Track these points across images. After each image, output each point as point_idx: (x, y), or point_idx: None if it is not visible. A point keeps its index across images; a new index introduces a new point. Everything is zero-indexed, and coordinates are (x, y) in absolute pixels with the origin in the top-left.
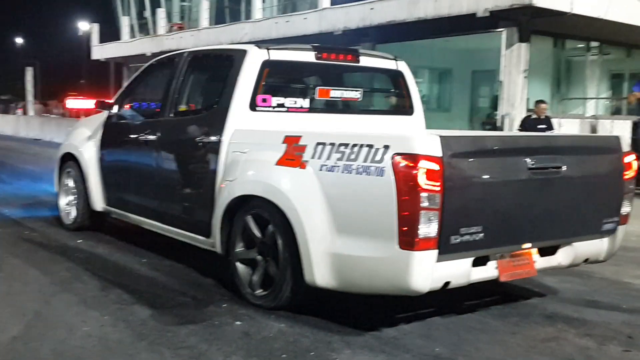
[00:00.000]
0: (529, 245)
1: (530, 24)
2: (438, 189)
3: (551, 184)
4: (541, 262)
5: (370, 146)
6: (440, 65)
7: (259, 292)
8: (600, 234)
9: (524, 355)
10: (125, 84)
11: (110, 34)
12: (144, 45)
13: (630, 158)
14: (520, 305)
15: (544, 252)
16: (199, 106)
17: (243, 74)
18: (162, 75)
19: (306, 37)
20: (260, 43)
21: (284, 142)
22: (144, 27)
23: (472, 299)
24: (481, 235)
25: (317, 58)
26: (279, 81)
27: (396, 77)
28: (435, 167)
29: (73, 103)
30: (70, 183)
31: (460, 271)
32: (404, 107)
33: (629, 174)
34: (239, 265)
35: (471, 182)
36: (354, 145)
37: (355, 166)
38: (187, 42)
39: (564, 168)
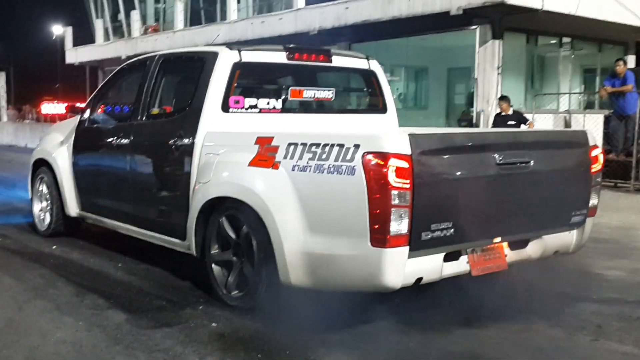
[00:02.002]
0: (499, 239)
1: (503, 21)
2: (408, 186)
3: (520, 178)
4: (512, 255)
5: (341, 145)
6: (416, 63)
7: (234, 293)
8: (569, 226)
9: (495, 347)
10: (97, 88)
11: (84, 37)
12: (119, 48)
13: (597, 152)
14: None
15: (515, 245)
16: (171, 109)
17: (215, 76)
18: (134, 79)
19: (282, 37)
20: (232, 44)
21: (256, 143)
22: (118, 30)
23: (448, 294)
24: (452, 230)
25: (289, 58)
26: (251, 82)
27: (369, 76)
28: (404, 164)
29: (48, 108)
30: (44, 189)
31: (432, 267)
32: (377, 106)
33: (596, 167)
34: (214, 266)
35: (441, 178)
36: (325, 145)
37: (326, 166)
38: (163, 44)
39: (532, 163)
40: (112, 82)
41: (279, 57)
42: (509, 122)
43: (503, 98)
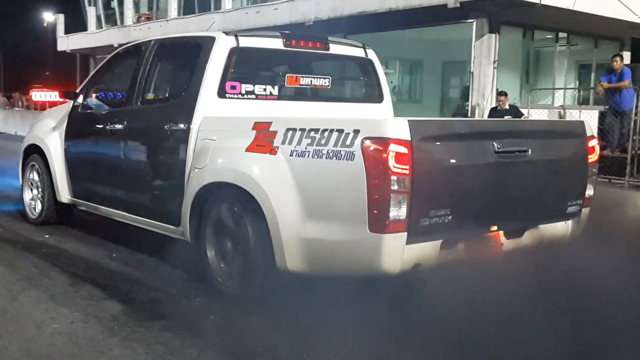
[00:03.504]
0: (495, 227)
1: (500, 15)
2: (407, 172)
3: (517, 167)
4: (508, 244)
5: (340, 131)
6: (411, 56)
7: (230, 280)
8: (565, 216)
9: None
10: (91, 73)
11: (76, 25)
12: (111, 36)
13: (594, 142)
14: None
15: (511, 234)
16: (166, 94)
17: (211, 61)
18: (129, 64)
19: (277, 27)
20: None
21: (253, 129)
22: (110, 18)
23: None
24: (450, 217)
25: (286, 45)
26: (247, 68)
27: (365, 65)
28: (404, 150)
29: (39, 95)
30: (35, 176)
31: (430, 253)
32: (373, 95)
33: (593, 157)
34: (209, 253)
35: (440, 165)
36: (324, 130)
37: (325, 151)
38: (156, 32)
39: (530, 152)
40: (106, 68)
41: (276, 43)
42: (505, 117)
43: (503, 93)
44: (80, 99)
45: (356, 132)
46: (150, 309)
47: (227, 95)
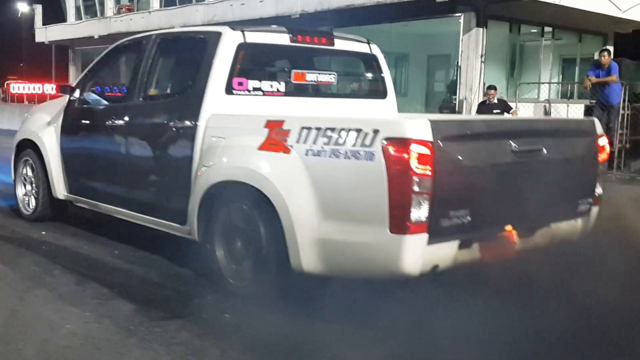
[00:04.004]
0: (510, 227)
1: (487, 9)
2: (429, 173)
3: (532, 166)
4: (521, 243)
5: (358, 130)
6: (397, 49)
7: (241, 281)
8: (575, 214)
9: None
10: (88, 67)
11: (53, 16)
12: (91, 28)
13: (604, 141)
14: None
15: (523, 233)
16: (170, 90)
17: (218, 57)
18: (128, 59)
19: (263, 20)
20: (234, 25)
21: (265, 127)
22: (90, 9)
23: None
24: (468, 218)
25: (292, 41)
26: (254, 64)
27: (370, 61)
28: (426, 151)
29: (17, 87)
30: (29, 171)
31: (448, 254)
32: (377, 91)
33: (602, 156)
34: (218, 253)
35: (460, 165)
36: (342, 129)
37: (343, 151)
38: (137, 24)
39: (544, 151)
40: (104, 62)
41: (283, 38)
42: (494, 111)
43: (492, 87)
44: (77, 94)
45: (376, 132)
46: (163, 307)
47: (234, 91)
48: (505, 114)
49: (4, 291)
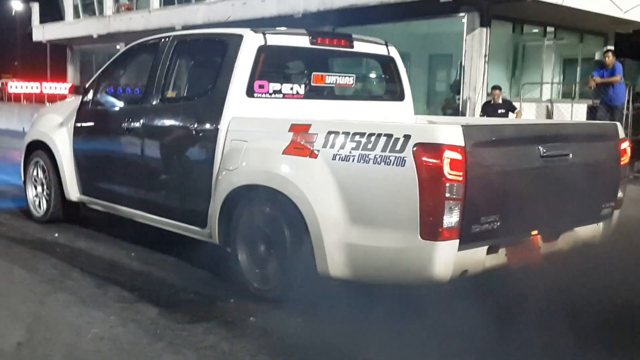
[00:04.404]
0: (536, 232)
1: (491, 9)
2: (461, 178)
3: (559, 171)
4: (545, 247)
5: (389, 135)
6: (398, 49)
7: (263, 285)
8: (598, 218)
9: None
10: (101, 68)
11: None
12: (90, 27)
13: (626, 145)
14: None
15: (547, 237)
16: (189, 93)
17: (240, 59)
18: (144, 61)
19: (265, 20)
20: (255, 27)
21: (290, 131)
22: (89, 7)
23: None
24: (497, 223)
25: (312, 43)
26: (275, 67)
27: (387, 63)
28: (458, 157)
29: (14, 87)
30: (40, 173)
31: (477, 259)
32: (395, 93)
33: (625, 159)
34: (240, 257)
35: (491, 170)
36: (371, 134)
37: (372, 156)
38: (137, 23)
39: (571, 155)
40: (118, 63)
41: (303, 41)
42: (499, 111)
43: (497, 87)
44: (90, 95)
45: (407, 137)
46: (187, 311)
47: (255, 94)
48: (510, 114)
49: (25, 295)
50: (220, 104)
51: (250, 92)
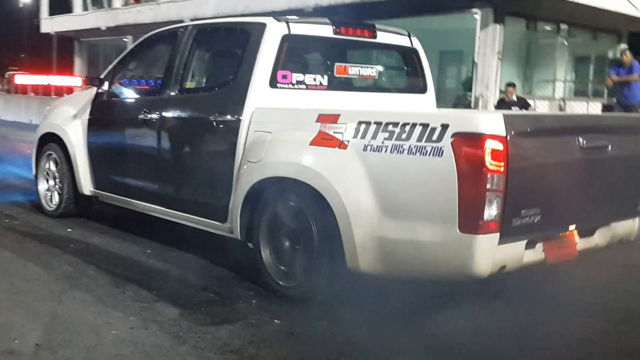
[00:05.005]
0: (573, 226)
1: (505, 6)
2: (502, 169)
3: (598, 164)
4: (581, 243)
5: (424, 125)
6: None
7: (289, 282)
8: (634, 214)
9: None
10: (117, 59)
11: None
12: (99, 19)
13: None
14: None
15: (584, 233)
16: (210, 83)
17: (263, 49)
18: (162, 51)
19: (275, 14)
20: (277, 15)
21: (317, 121)
22: (97, 0)
23: None
24: (538, 217)
25: (335, 33)
26: (298, 57)
27: (410, 55)
28: (500, 147)
29: (21, 79)
30: (52, 166)
31: (516, 254)
32: (417, 86)
33: None
34: (264, 253)
35: (532, 162)
36: (405, 124)
37: (407, 146)
38: (146, 16)
39: (610, 148)
40: (135, 54)
41: (326, 30)
42: (513, 109)
43: (511, 84)
44: (105, 86)
45: (444, 126)
46: (208, 311)
47: (278, 85)
48: (524, 111)
49: (41, 293)
50: (243, 94)
51: (273, 83)
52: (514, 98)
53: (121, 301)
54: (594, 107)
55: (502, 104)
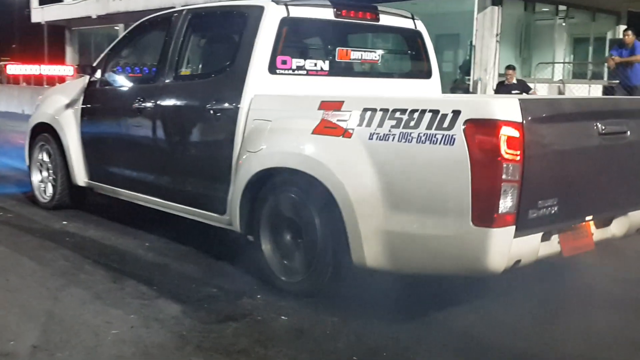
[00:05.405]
0: (590, 217)
1: None
2: (518, 158)
3: (617, 150)
4: (597, 234)
5: (434, 112)
6: None
7: (291, 278)
8: None
9: None
10: (110, 46)
11: None
12: (90, 8)
13: None
14: None
15: (600, 223)
16: (206, 70)
17: (261, 33)
18: (156, 37)
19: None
20: None
21: (320, 109)
22: None
23: None
24: (556, 208)
25: (337, 15)
26: (298, 41)
27: (414, 38)
28: (516, 134)
29: (13, 69)
30: (45, 157)
31: (531, 248)
32: (422, 70)
33: None
34: (265, 247)
35: (549, 149)
36: (414, 110)
37: (415, 134)
38: (137, 3)
39: (629, 133)
40: (128, 41)
41: (327, 13)
42: (513, 92)
43: (511, 67)
44: (98, 74)
45: (456, 113)
46: (211, 308)
47: (277, 70)
48: (525, 94)
49: (37, 290)
50: (240, 81)
51: (272, 69)
52: (514, 81)
53: (120, 298)
54: (595, 90)
55: (501, 88)
